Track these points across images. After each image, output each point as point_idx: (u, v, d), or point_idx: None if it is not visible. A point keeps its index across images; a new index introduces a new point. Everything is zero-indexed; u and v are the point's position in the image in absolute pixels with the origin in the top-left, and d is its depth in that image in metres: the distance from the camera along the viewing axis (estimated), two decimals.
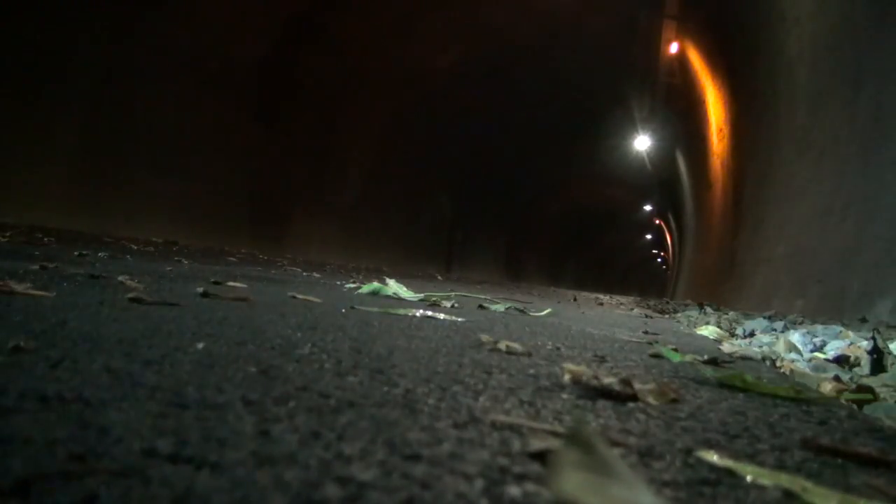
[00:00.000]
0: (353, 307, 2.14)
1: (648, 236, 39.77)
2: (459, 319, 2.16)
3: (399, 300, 2.78)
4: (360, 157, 15.23)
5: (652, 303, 10.11)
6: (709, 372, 1.48)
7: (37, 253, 3.02)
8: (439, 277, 8.54)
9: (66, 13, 8.04)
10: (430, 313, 2.27)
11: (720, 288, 9.73)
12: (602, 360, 1.52)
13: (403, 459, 0.58)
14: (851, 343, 2.27)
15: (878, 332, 2.15)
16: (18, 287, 1.49)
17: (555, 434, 0.73)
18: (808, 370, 1.80)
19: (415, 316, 2.09)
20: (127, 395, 0.70)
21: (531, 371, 1.20)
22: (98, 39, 8.68)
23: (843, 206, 4.64)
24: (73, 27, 8.23)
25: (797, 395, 1.20)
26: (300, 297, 2.30)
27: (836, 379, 1.64)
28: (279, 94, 12.25)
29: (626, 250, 44.92)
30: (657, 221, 33.16)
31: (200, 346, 1.06)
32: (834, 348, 2.20)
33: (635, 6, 12.97)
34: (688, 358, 1.69)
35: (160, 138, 10.10)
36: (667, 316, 5.09)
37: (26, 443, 0.52)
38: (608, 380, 1.07)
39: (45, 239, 4.37)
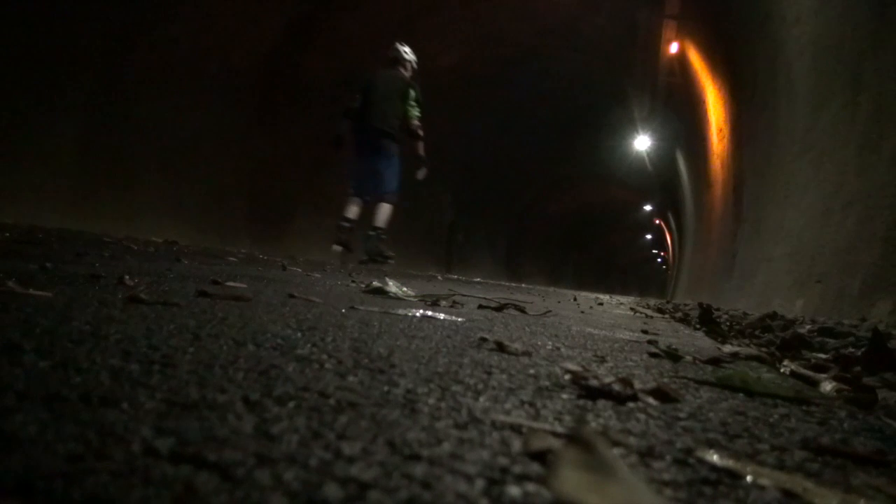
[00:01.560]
0: (353, 307, 2.14)
1: (648, 236, 39.78)
2: (459, 319, 2.16)
3: (399, 300, 2.78)
4: None
5: (652, 303, 10.11)
6: (709, 372, 1.48)
7: (37, 253, 3.02)
8: (439, 277, 8.53)
9: (67, 13, 8.04)
10: (430, 313, 2.27)
11: (720, 288, 9.72)
12: (602, 359, 1.52)
13: (404, 459, 0.58)
14: None
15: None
16: (18, 287, 1.49)
17: (555, 434, 0.73)
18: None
19: (415, 316, 2.09)
20: (127, 394, 0.70)
21: (531, 371, 1.20)
22: (98, 39, 8.68)
23: (843, 206, 4.64)
24: (73, 27, 8.23)
25: (797, 395, 1.20)
26: (300, 296, 2.30)
27: (835, 378, 1.64)
28: (279, 94, 12.25)
29: (626, 250, 44.93)
30: (657, 221, 33.16)
31: (201, 345, 1.06)
32: None
33: (635, 6, 12.97)
34: (688, 358, 1.69)
35: (160, 138, 10.10)
36: (667, 316, 5.09)
37: (26, 443, 0.52)
38: (608, 380, 1.08)
39: (45, 239, 4.37)
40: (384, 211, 7.58)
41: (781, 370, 1.88)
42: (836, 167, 4.95)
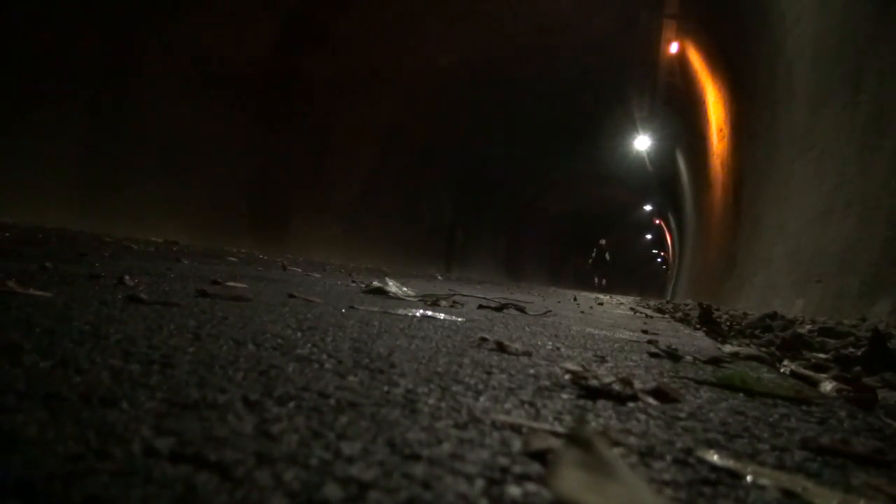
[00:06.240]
0: (353, 307, 2.14)
1: (648, 236, 39.79)
2: (459, 319, 2.16)
3: (399, 300, 2.78)
4: (360, 157, 15.22)
5: (652, 303, 10.11)
6: (709, 372, 1.48)
7: (37, 253, 3.02)
8: (439, 277, 8.54)
9: (67, 13, 8.04)
10: (430, 313, 2.27)
11: (720, 288, 9.73)
12: (602, 359, 1.52)
13: (404, 459, 0.58)
14: None
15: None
16: (18, 287, 1.49)
17: (555, 434, 0.73)
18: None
19: (415, 316, 2.09)
20: (127, 394, 0.70)
21: (531, 371, 1.20)
22: (98, 39, 8.67)
23: (843, 206, 4.64)
24: (73, 27, 8.23)
25: (797, 395, 1.20)
26: (300, 296, 2.30)
27: (835, 378, 1.64)
28: (279, 94, 12.25)
29: (626, 250, 44.93)
30: (657, 221, 33.16)
31: (201, 345, 1.06)
32: None
33: (635, 6, 12.97)
34: (688, 358, 1.69)
35: (160, 138, 10.10)
36: (667, 316, 5.09)
37: (26, 443, 0.52)
38: (608, 380, 1.08)
39: (45, 239, 4.37)
40: (603, 281, 46.31)
41: (781, 370, 1.88)
42: (837, 167, 4.95)
